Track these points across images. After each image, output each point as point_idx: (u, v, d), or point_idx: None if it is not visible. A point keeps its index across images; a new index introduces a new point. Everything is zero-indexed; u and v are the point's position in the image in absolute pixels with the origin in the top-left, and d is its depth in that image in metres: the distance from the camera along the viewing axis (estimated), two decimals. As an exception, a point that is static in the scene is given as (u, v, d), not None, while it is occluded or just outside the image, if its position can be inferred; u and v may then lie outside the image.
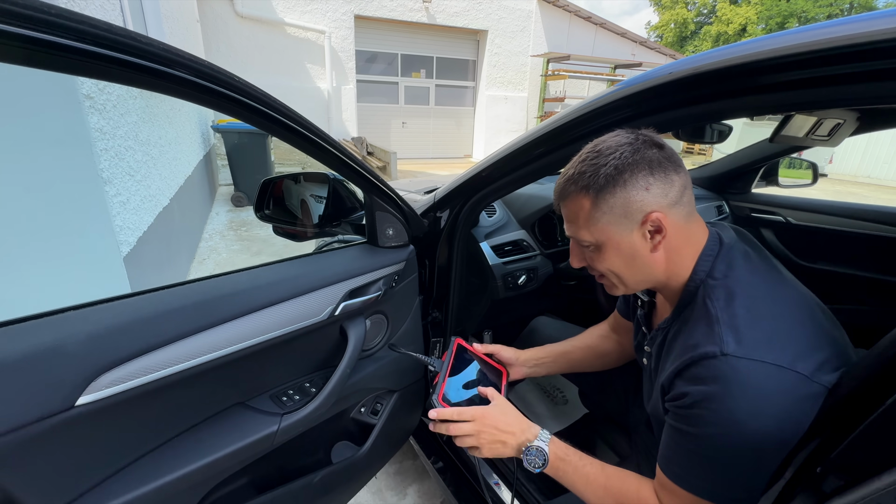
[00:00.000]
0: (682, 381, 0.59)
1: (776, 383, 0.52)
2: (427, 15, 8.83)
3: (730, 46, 0.57)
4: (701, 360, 0.56)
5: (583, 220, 0.63)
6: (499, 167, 0.97)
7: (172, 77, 0.46)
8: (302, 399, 0.77)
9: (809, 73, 0.52)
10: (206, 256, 3.31)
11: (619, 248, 0.62)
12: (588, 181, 0.60)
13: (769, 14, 25.21)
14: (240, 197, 4.66)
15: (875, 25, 0.44)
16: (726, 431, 0.53)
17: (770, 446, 0.52)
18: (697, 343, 0.57)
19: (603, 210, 0.61)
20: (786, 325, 0.57)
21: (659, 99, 0.67)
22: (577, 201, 0.63)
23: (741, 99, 0.60)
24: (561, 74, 9.96)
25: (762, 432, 0.52)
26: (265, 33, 7.69)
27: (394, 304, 0.97)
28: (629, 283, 0.66)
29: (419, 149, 10.18)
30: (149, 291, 0.61)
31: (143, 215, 2.05)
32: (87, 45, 0.39)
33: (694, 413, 0.56)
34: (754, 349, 0.53)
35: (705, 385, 0.55)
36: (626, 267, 0.64)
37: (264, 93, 0.58)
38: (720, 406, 0.53)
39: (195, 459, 0.62)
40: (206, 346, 0.61)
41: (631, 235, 0.61)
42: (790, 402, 0.52)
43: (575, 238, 0.67)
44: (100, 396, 0.51)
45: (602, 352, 1.01)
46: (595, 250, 0.65)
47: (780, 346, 0.54)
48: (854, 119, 1.15)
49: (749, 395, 0.52)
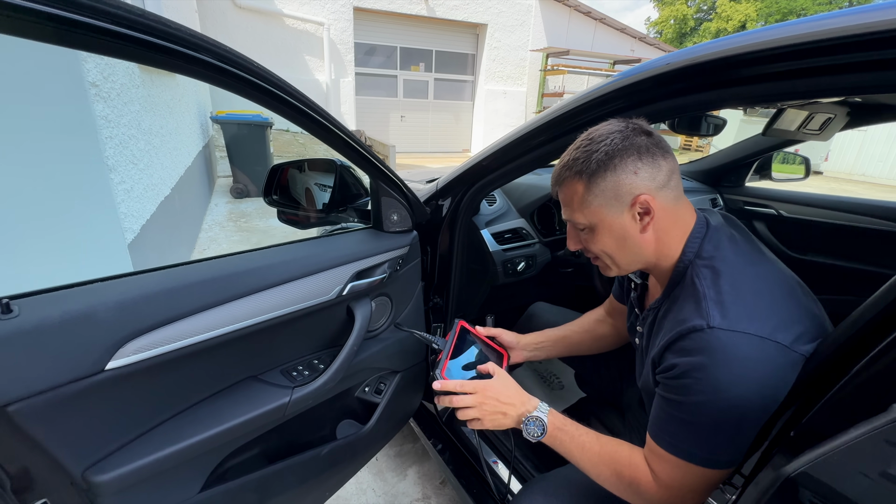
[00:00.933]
0: (671, 353, 0.63)
1: (757, 352, 0.56)
2: (427, 8, 8.80)
3: (716, 40, 0.61)
4: (689, 334, 0.60)
5: (577, 204, 0.67)
6: (498, 157, 1.00)
7: (198, 61, 0.49)
8: (311, 374, 0.81)
9: (794, 64, 0.55)
10: (206, 247, 3.33)
11: (611, 229, 0.67)
12: (581, 167, 0.65)
13: (769, 11, 25.19)
14: (239, 188, 4.67)
15: (856, 20, 0.48)
16: (712, 399, 0.57)
17: (751, 411, 0.56)
18: (686, 318, 0.61)
19: (595, 193, 0.65)
20: (767, 300, 0.61)
21: (649, 90, 0.71)
22: (572, 186, 0.67)
23: (728, 90, 0.64)
24: (560, 69, 9.97)
25: (744, 398, 0.56)
26: (263, 24, 7.65)
27: (397, 287, 1.00)
28: (621, 263, 0.70)
29: (417, 142, 10.18)
30: (170, 267, 0.64)
31: (146, 204, 2.07)
32: (124, 29, 0.42)
33: (682, 383, 0.60)
34: (738, 322, 0.58)
35: (693, 356, 0.59)
36: (618, 248, 0.68)
37: (282, 79, 0.61)
38: (706, 375, 0.57)
39: (213, 426, 0.66)
40: (225, 319, 0.65)
41: (622, 217, 0.65)
42: (770, 369, 0.56)
43: (571, 221, 0.71)
44: (127, 362, 0.55)
45: (599, 335, 1.05)
46: (589, 232, 0.69)
47: (762, 319, 0.58)
48: (844, 114, 1.19)
49: (733, 364, 0.56)
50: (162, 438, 0.61)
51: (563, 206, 0.71)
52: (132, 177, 1.88)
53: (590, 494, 0.74)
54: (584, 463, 0.70)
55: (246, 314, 0.68)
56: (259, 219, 4.07)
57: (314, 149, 7.59)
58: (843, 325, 0.55)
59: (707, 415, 0.58)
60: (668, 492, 0.63)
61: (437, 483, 1.47)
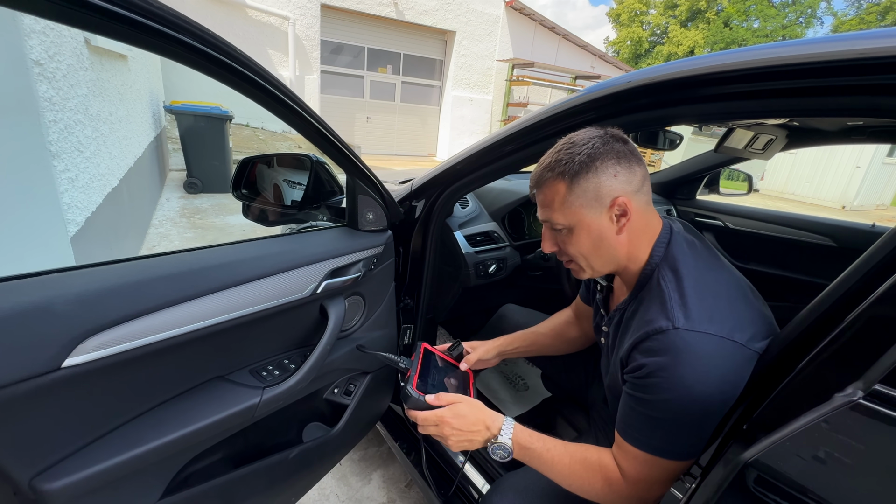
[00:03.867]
0: (638, 353, 0.66)
1: (718, 350, 0.61)
2: (396, 11, 8.78)
3: (672, 63, 0.69)
4: (655, 335, 0.64)
5: (558, 204, 0.69)
6: (473, 161, 1.03)
7: (180, 42, 0.47)
8: (282, 374, 0.78)
9: (741, 87, 0.62)
10: (156, 243, 3.13)
11: (589, 230, 0.69)
12: (564, 168, 0.67)
13: (714, 39, 27.19)
14: (193, 183, 4.43)
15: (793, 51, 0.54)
16: (677, 396, 0.61)
17: (713, 406, 0.60)
18: (652, 318, 0.65)
19: (577, 194, 0.67)
20: (725, 302, 0.66)
21: (613, 105, 0.77)
22: (554, 186, 0.69)
23: (683, 107, 0.71)
24: (525, 81, 10.25)
25: (707, 394, 0.60)
26: (224, 14, 7.34)
27: (371, 286, 0.99)
28: (595, 265, 0.73)
29: (383, 144, 10.09)
30: (136, 259, 0.60)
31: (92, 195, 1.92)
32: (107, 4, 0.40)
33: (650, 382, 0.64)
34: (700, 323, 0.62)
35: (659, 356, 0.63)
36: (594, 249, 0.71)
37: (264, 69, 0.59)
38: (672, 374, 0.61)
39: (177, 428, 0.62)
40: (192, 315, 0.62)
41: (600, 218, 0.68)
42: (729, 366, 0.61)
43: (549, 221, 0.72)
44: (86, 359, 0.51)
45: (567, 337, 1.09)
46: (567, 234, 0.71)
47: (721, 320, 0.63)
48: (784, 136, 1.32)
49: (696, 363, 0.60)
50: (120, 442, 0.57)
51: (542, 207, 0.73)
52: (77, 165, 1.75)
53: (560, 489, 0.77)
54: (555, 475, 0.72)
55: (216, 311, 0.65)
56: (215, 215, 3.88)
57: (275, 145, 7.34)
58: (789, 328, 0.61)
59: (673, 411, 0.62)
60: (636, 486, 0.66)
61: (402, 486, 1.46)
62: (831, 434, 0.43)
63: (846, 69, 0.51)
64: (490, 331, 1.33)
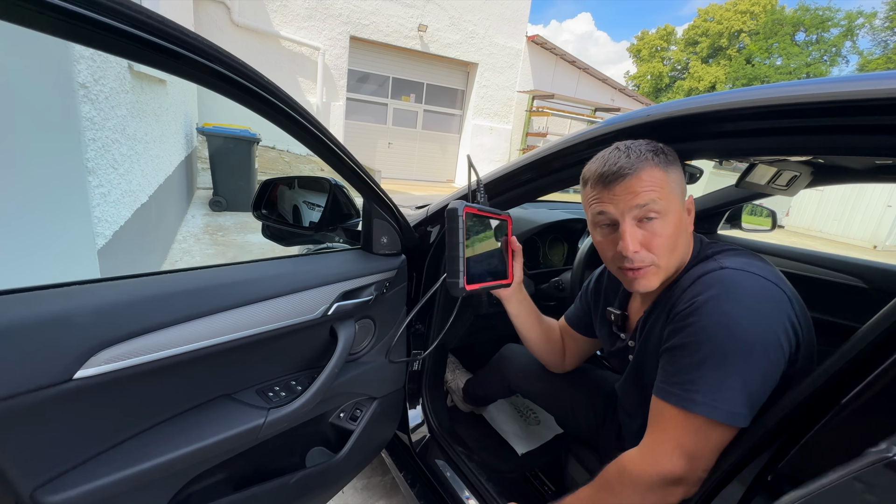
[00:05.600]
0: (682, 301, 0.65)
1: (765, 291, 0.60)
2: (421, 43, 9.13)
3: (691, 98, 0.69)
4: (701, 277, 0.64)
5: (659, 187, 0.67)
6: (490, 189, 1.03)
7: (212, 71, 0.50)
8: (288, 396, 0.78)
9: (764, 123, 0.61)
10: (178, 258, 3.21)
11: (677, 219, 0.69)
12: (659, 157, 0.68)
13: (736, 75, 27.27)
14: (218, 201, 4.58)
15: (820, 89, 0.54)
16: (720, 332, 0.58)
17: (756, 351, 0.57)
18: (697, 272, 0.66)
19: (673, 179, 0.68)
20: (773, 269, 0.66)
21: (637, 137, 0.76)
22: (653, 171, 0.67)
23: (703, 142, 0.71)
24: (545, 111, 10.42)
25: (749, 334, 0.57)
26: (259, 44, 7.75)
27: (382, 310, 0.99)
28: (671, 262, 0.71)
29: (403, 169, 10.30)
30: (152, 274, 0.62)
31: (122, 210, 2.00)
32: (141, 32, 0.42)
33: (690, 322, 0.62)
34: (748, 266, 0.63)
35: (703, 293, 0.62)
36: (675, 242, 0.70)
37: (291, 98, 0.62)
38: (715, 307, 0.60)
39: (181, 446, 0.62)
40: (204, 332, 0.62)
41: (682, 209, 0.70)
42: (777, 311, 0.59)
43: (649, 205, 0.67)
44: (98, 371, 0.52)
45: (554, 343, 1.08)
46: (659, 222, 0.68)
47: (770, 272, 0.63)
48: (808, 173, 1.29)
49: (742, 297, 0.59)
50: (123, 458, 0.57)
51: (637, 193, 0.66)
52: (111, 181, 1.83)
53: None
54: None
55: (228, 328, 0.65)
56: (236, 233, 3.98)
57: (299, 167, 7.56)
58: (816, 373, 0.57)
59: (712, 349, 0.59)
60: (678, 460, 0.61)
61: (405, 519, 1.41)
62: (864, 495, 0.40)
63: (875, 108, 0.50)
64: (491, 370, 1.31)
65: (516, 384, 1.24)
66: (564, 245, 1.63)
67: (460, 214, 0.75)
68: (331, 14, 8.16)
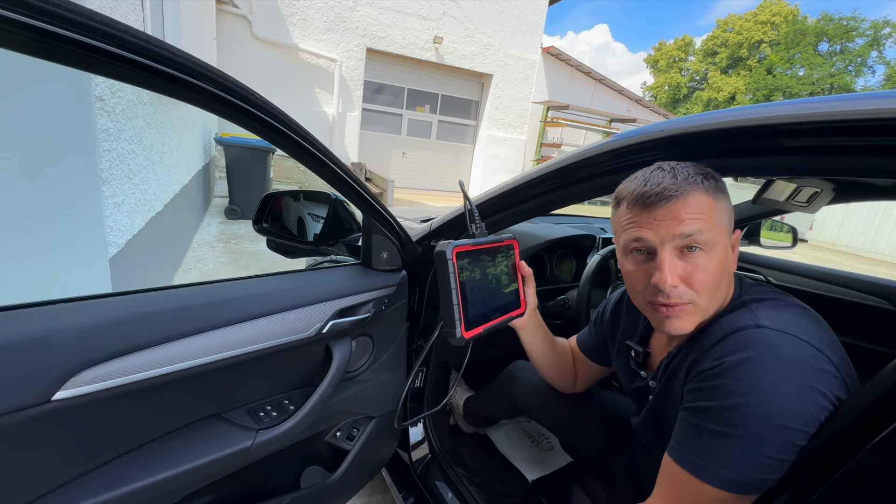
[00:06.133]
0: (708, 358, 0.58)
1: (807, 359, 0.52)
2: (436, 55, 9.23)
3: (727, 110, 0.63)
4: (731, 334, 0.57)
5: (706, 216, 0.59)
6: (496, 203, 1.00)
7: (201, 90, 0.49)
8: (279, 416, 0.76)
9: (793, 142, 0.57)
10: (192, 266, 3.26)
11: (722, 254, 0.61)
12: (709, 182, 0.60)
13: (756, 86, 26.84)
14: (234, 210, 4.65)
15: (852, 106, 0.49)
16: (751, 402, 0.51)
17: (791, 429, 0.50)
18: (727, 325, 0.59)
19: (722, 209, 0.61)
20: (820, 328, 0.59)
21: (651, 151, 0.71)
22: (702, 197, 0.60)
23: (719, 160, 0.65)
24: (559, 122, 10.39)
25: (786, 409, 0.50)
26: (278, 56, 7.94)
27: (381, 327, 0.97)
28: (711, 303, 0.63)
29: (417, 179, 10.36)
30: (138, 292, 0.61)
31: (136, 218, 2.04)
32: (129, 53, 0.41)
33: (718, 384, 0.55)
34: (790, 326, 0.55)
35: (735, 354, 0.55)
36: (719, 280, 0.62)
37: (280, 110, 0.61)
38: (748, 373, 0.53)
39: (164, 469, 0.60)
40: (191, 351, 0.61)
41: (727, 244, 0.63)
42: (819, 382, 0.52)
43: (694, 236, 0.59)
44: (77, 393, 0.50)
45: (566, 367, 1.03)
46: (706, 255, 0.60)
47: (817, 336, 0.55)
48: (831, 189, 1.23)
49: (780, 365, 0.52)
50: (102, 481, 0.55)
51: (686, 220, 0.59)
52: (125, 191, 1.86)
53: None
54: None
55: (217, 348, 0.64)
56: (250, 242, 4.03)
57: (314, 177, 7.67)
58: (843, 408, 0.53)
59: (740, 421, 0.52)
60: None
61: (404, 541, 1.36)
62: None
63: None
64: (498, 387, 1.27)
65: (524, 404, 1.20)
66: (573, 261, 1.59)
67: (449, 258, 0.68)
68: (348, 27, 8.33)
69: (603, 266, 1.33)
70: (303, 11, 7.95)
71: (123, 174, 1.85)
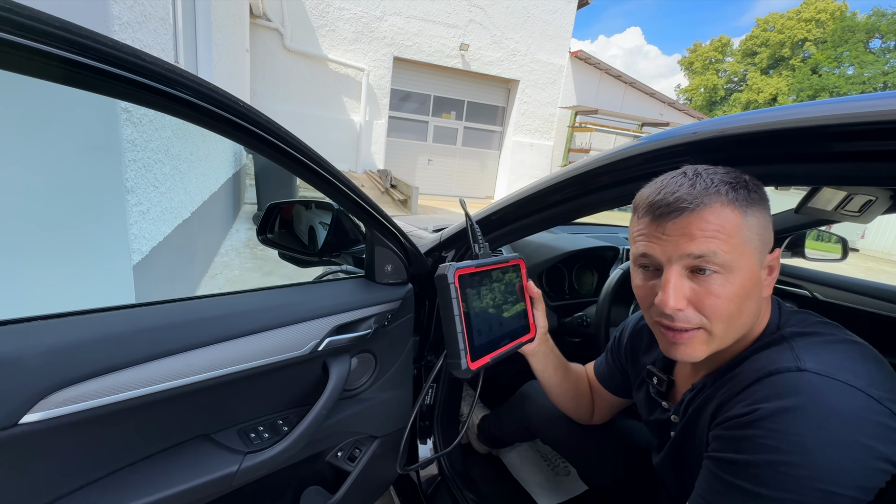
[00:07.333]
0: (740, 403, 0.50)
1: (861, 411, 0.44)
2: (462, 62, 9.25)
3: (767, 110, 0.54)
4: (770, 377, 0.48)
5: (728, 235, 0.51)
6: (510, 212, 0.94)
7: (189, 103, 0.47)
8: (271, 437, 0.72)
9: (846, 146, 0.48)
10: (218, 272, 3.34)
11: (747, 278, 0.52)
12: (737, 193, 0.51)
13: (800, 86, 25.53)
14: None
15: None
16: (793, 460, 0.43)
17: (845, 490, 0.42)
18: (763, 365, 0.50)
19: (751, 226, 0.52)
20: (872, 366, 0.49)
21: (683, 156, 0.63)
22: (723, 211, 0.51)
23: (755, 167, 0.57)
24: (588, 127, 10.17)
25: (833, 471, 0.42)
26: (308, 66, 8.17)
27: (385, 343, 0.93)
28: (730, 335, 0.55)
29: (442, 186, 10.37)
30: (123, 308, 0.59)
31: (161, 226, 2.09)
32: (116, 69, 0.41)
33: (750, 434, 0.46)
34: (836, 371, 0.46)
35: (772, 401, 0.46)
36: (742, 308, 0.53)
37: (270, 120, 0.58)
38: (788, 426, 0.44)
39: (142, 495, 0.57)
40: (175, 371, 0.58)
41: (759, 268, 0.53)
42: (874, 441, 0.42)
43: (707, 257, 0.52)
44: (48, 416, 0.48)
45: (582, 397, 0.95)
46: (723, 279, 0.52)
47: (869, 380, 0.46)
48: (887, 197, 1.10)
49: (827, 420, 0.43)
50: (76, 508, 0.53)
51: (699, 239, 0.51)
52: (150, 199, 1.91)
53: None
54: None
55: (203, 366, 0.61)
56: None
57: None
58: None
59: (778, 482, 0.43)
60: None
61: (413, 565, 1.31)
62: None
63: None
64: (511, 408, 1.20)
65: (537, 427, 1.13)
66: (594, 274, 1.49)
67: (451, 281, 0.62)
68: (376, 37, 8.47)
69: (625, 281, 1.24)
70: (332, 23, 8.15)
71: (149, 183, 1.90)
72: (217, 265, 3.46)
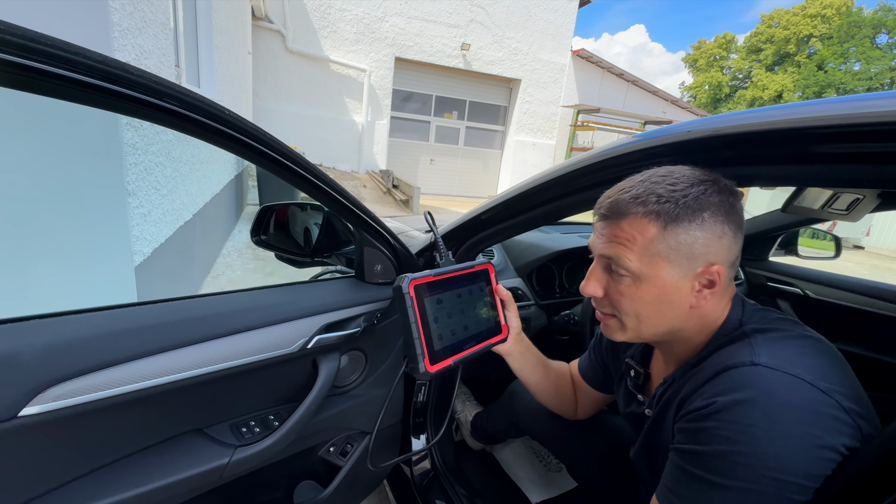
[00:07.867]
0: (700, 396, 0.52)
1: (811, 403, 0.46)
2: (464, 62, 9.26)
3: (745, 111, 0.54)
4: (724, 371, 0.51)
5: (639, 246, 0.55)
6: (500, 211, 0.96)
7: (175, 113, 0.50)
8: (262, 432, 0.75)
9: (826, 148, 0.48)
10: (220, 272, 3.38)
11: (661, 290, 0.56)
12: (661, 207, 0.53)
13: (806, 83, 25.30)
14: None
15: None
16: (744, 450, 0.46)
17: (793, 477, 0.44)
18: (723, 360, 0.53)
19: (668, 243, 0.54)
20: (834, 368, 0.51)
21: (665, 155, 0.64)
22: (640, 224, 0.55)
23: (749, 168, 0.57)
24: (590, 126, 10.15)
25: (784, 457, 0.44)
26: (310, 68, 8.21)
27: (375, 341, 0.95)
28: (644, 330, 0.60)
29: (444, 186, 10.39)
30: (117, 307, 0.62)
31: (163, 228, 2.13)
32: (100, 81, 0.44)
33: (706, 426, 0.49)
34: (790, 365, 0.48)
35: (727, 394, 0.49)
36: (655, 312, 0.58)
37: (255, 126, 0.60)
38: (740, 417, 0.47)
39: (136, 485, 0.60)
40: (168, 367, 0.61)
41: (681, 281, 0.55)
42: (821, 429, 0.45)
43: (614, 260, 0.58)
44: (46, 409, 0.51)
45: (565, 395, 0.96)
46: (630, 283, 0.57)
47: (821, 375, 0.48)
48: (875, 196, 1.10)
49: (777, 412, 0.45)
50: (70, 498, 0.55)
51: (610, 242, 0.58)
52: (151, 201, 1.95)
53: None
54: None
55: (194, 363, 0.64)
56: (277, 248, 4.14)
57: (344, 184, 7.83)
58: (888, 432, 0.45)
59: (729, 470, 0.46)
60: None
61: (407, 559, 1.33)
62: None
63: None
64: (501, 406, 1.22)
65: (525, 423, 1.15)
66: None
67: (406, 292, 0.67)
68: (377, 37, 8.50)
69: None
70: (334, 24, 8.19)
71: (151, 186, 1.93)
72: (219, 266, 3.50)
